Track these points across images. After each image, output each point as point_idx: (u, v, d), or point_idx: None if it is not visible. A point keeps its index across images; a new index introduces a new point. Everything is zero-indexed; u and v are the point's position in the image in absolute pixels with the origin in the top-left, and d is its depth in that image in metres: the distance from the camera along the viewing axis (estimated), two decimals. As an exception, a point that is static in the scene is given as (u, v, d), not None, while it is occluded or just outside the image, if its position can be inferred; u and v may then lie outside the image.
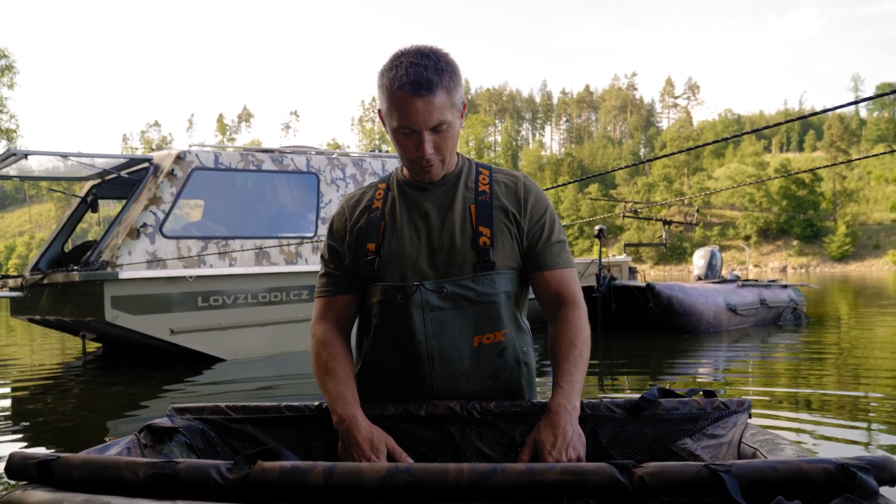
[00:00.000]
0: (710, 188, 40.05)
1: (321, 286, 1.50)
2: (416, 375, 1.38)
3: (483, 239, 1.38)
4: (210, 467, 0.89)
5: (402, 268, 1.39)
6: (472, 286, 1.36)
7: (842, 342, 6.61)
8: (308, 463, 0.88)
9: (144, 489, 0.89)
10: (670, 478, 0.82)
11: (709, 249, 9.56)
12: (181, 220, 6.58)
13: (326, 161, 6.61)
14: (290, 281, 6.13)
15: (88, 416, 3.80)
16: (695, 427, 1.31)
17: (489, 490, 0.83)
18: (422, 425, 1.36)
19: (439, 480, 0.84)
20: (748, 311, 7.95)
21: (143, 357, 6.02)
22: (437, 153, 1.32)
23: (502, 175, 1.46)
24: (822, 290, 18.34)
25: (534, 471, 0.83)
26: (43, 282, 5.73)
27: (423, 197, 1.42)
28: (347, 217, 1.48)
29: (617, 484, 0.82)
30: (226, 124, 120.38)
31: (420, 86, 1.24)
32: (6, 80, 26.33)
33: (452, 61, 1.31)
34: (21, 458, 0.94)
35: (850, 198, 74.60)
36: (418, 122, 1.27)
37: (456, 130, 1.34)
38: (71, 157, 5.97)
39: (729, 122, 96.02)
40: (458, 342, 1.37)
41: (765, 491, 0.80)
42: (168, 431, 1.31)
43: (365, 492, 0.85)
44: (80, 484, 0.91)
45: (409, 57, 1.27)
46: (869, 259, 65.46)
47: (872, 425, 3.11)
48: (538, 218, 1.41)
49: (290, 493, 0.86)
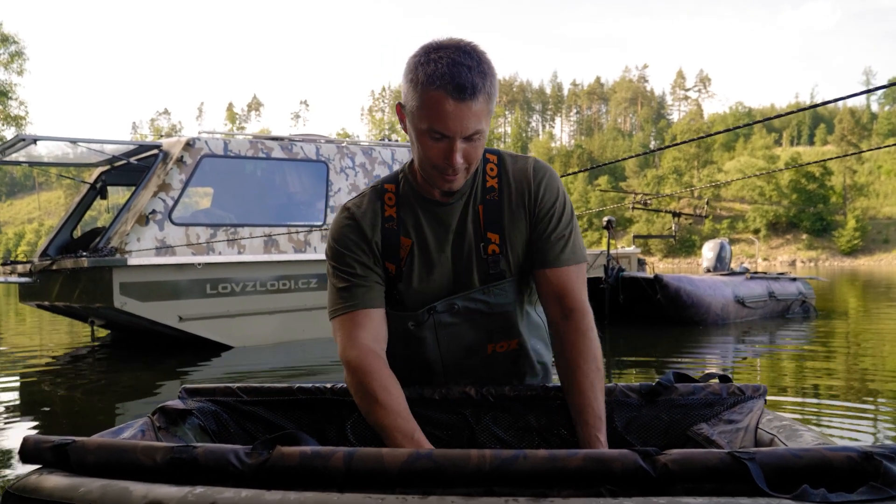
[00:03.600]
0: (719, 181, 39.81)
1: (345, 300, 1.26)
2: (429, 383, 1.36)
3: (492, 247, 1.27)
4: (229, 452, 0.88)
5: (423, 294, 1.29)
6: (483, 298, 1.29)
7: (850, 334, 6.56)
8: (328, 448, 0.87)
9: (162, 474, 0.88)
10: (694, 465, 0.80)
11: (718, 242, 9.50)
12: (190, 207, 6.58)
13: (336, 149, 6.59)
14: (298, 269, 6.13)
15: (97, 402, 3.82)
16: (710, 412, 1.31)
17: (511, 476, 0.82)
18: (437, 409, 1.35)
19: (461, 466, 0.83)
20: (756, 304, 7.91)
21: (151, 344, 6.05)
22: (465, 163, 1.18)
23: (511, 161, 1.32)
24: (831, 283, 18.22)
25: (556, 457, 0.83)
26: (52, 268, 5.75)
27: (443, 211, 1.28)
28: (365, 228, 1.29)
29: (640, 471, 0.81)
30: (235, 113, 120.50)
31: (463, 89, 1.10)
32: (15, 66, 26.42)
33: (492, 63, 1.17)
34: (35, 442, 0.93)
35: (860, 192, 74.00)
36: (453, 129, 1.12)
37: (486, 136, 1.21)
38: (80, 143, 5.98)
39: (740, 115, 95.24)
40: (471, 351, 1.34)
41: (788, 478, 0.79)
42: (181, 413, 1.31)
43: (386, 477, 0.84)
44: (95, 468, 0.90)
45: (449, 52, 1.12)
46: (878, 253, 64.98)
47: (880, 416, 3.08)
48: (549, 207, 1.29)
49: (309, 478, 0.85)
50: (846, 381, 4.05)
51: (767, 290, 8.13)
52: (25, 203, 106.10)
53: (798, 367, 4.72)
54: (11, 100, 26.44)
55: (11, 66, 26.36)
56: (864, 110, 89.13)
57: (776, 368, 4.69)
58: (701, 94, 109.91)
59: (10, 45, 26.23)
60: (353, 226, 1.30)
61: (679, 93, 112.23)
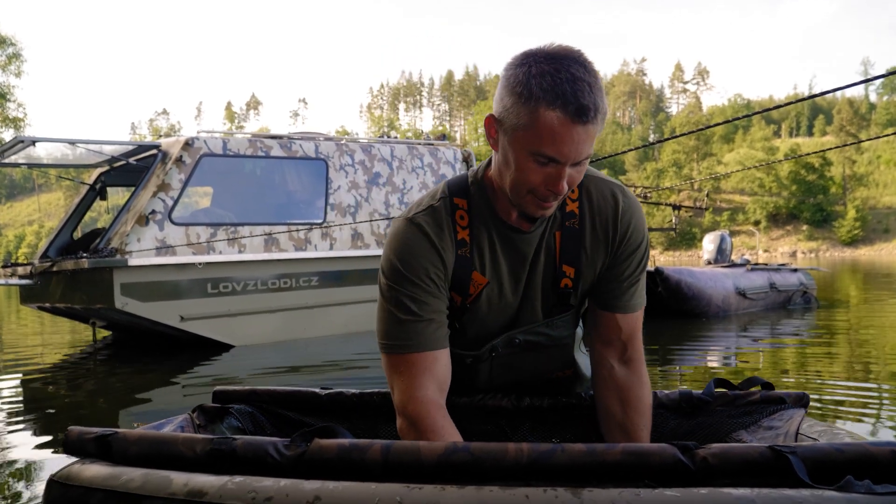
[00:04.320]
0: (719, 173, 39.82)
1: (407, 338, 1.11)
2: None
3: (565, 281, 1.17)
4: (267, 444, 0.89)
5: (484, 329, 1.20)
6: (546, 332, 1.23)
7: (852, 324, 6.56)
8: (365, 441, 0.88)
9: (201, 465, 0.89)
10: (734, 459, 0.80)
11: (719, 234, 9.50)
12: (190, 206, 6.58)
13: (335, 147, 6.58)
14: (299, 267, 6.13)
15: (101, 403, 3.82)
16: (750, 420, 1.32)
17: (549, 470, 0.82)
18: (472, 419, 1.35)
19: (498, 459, 0.83)
20: (757, 295, 7.92)
21: (153, 344, 6.05)
22: (567, 189, 1.06)
23: (595, 187, 1.17)
24: (832, 273, 18.22)
25: (595, 451, 0.83)
26: (52, 269, 5.75)
27: (521, 239, 1.15)
28: (440, 251, 1.13)
29: (679, 465, 0.81)
30: (234, 112, 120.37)
31: (586, 111, 0.96)
32: (13, 68, 26.39)
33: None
34: (79, 434, 0.96)
35: (859, 182, 73.91)
36: (567, 154, 0.99)
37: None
38: (79, 144, 5.97)
39: (739, 108, 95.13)
40: (523, 379, 1.31)
41: (830, 472, 0.79)
42: (219, 412, 1.34)
43: (423, 470, 0.84)
44: (136, 459, 0.92)
45: (568, 66, 0.97)
46: (878, 243, 64.94)
47: (884, 406, 3.07)
48: (632, 250, 1.18)
49: (347, 470, 0.86)
50: (849, 371, 4.05)
51: (768, 282, 8.13)
52: (25, 205, 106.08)
53: (800, 357, 4.71)
54: (9, 102, 26.43)
55: (9, 67, 26.34)
56: (863, 100, 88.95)
57: (778, 359, 4.69)
58: (699, 87, 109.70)
59: (8, 47, 26.20)
60: (428, 247, 1.12)
61: (677, 86, 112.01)
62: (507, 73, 1.02)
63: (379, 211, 6.70)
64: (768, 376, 3.97)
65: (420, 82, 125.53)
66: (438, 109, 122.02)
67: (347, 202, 6.54)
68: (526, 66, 0.99)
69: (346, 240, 6.45)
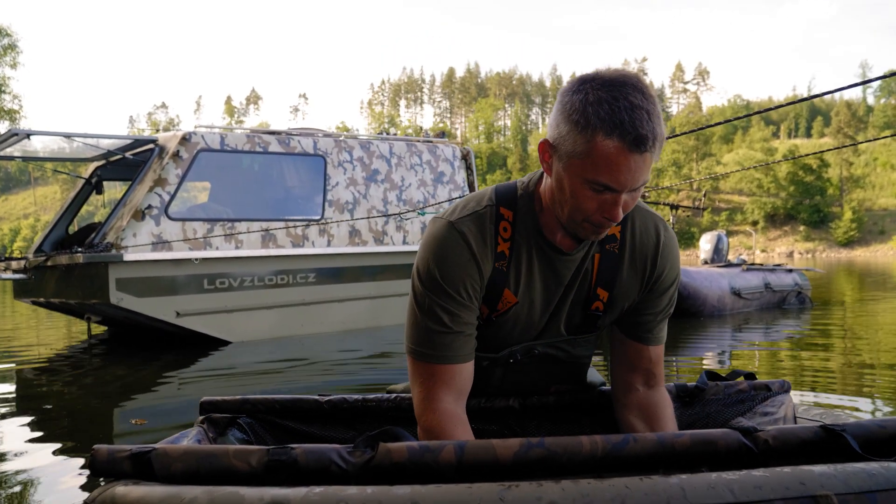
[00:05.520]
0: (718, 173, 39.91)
1: (436, 349, 1.10)
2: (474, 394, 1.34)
3: (597, 304, 1.17)
4: (330, 451, 0.85)
5: (507, 339, 1.20)
6: (567, 348, 1.23)
7: (845, 324, 6.58)
8: (436, 442, 0.86)
9: (258, 478, 0.83)
10: (792, 439, 0.86)
11: (716, 234, 9.52)
12: (187, 201, 6.55)
13: (333, 143, 6.56)
14: (296, 264, 6.11)
15: (96, 400, 3.80)
16: (744, 407, 1.41)
17: (623, 460, 0.84)
18: (480, 420, 1.34)
19: (574, 453, 0.84)
20: (752, 295, 7.96)
21: (148, 339, 6.02)
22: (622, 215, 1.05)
23: (640, 217, 1.17)
24: (828, 274, 18.26)
25: (665, 439, 0.85)
26: (47, 264, 5.72)
27: (562, 261, 1.14)
28: (480, 261, 1.10)
29: (743, 448, 0.85)
30: (234, 106, 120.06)
31: (644, 141, 0.95)
32: (9, 59, 26.25)
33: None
34: (110, 453, 0.86)
35: (856, 184, 74.11)
36: (625, 183, 0.98)
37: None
38: (74, 138, 5.94)
39: (738, 108, 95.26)
40: (532, 387, 1.32)
41: (876, 447, 0.85)
42: (226, 423, 1.29)
43: (499, 468, 0.83)
44: (183, 476, 0.84)
45: (624, 92, 0.96)
46: (874, 244, 65.13)
47: (877, 402, 3.08)
48: (667, 286, 1.19)
49: (419, 473, 0.83)
50: (840, 369, 4.05)
51: (763, 282, 8.18)
52: (21, 198, 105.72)
53: (794, 355, 4.72)
54: (5, 94, 26.30)
55: (4, 59, 26.21)
56: (861, 103, 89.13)
57: (773, 358, 4.69)
58: (699, 87, 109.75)
59: (4, 38, 26.06)
60: (468, 258, 1.09)
61: (678, 85, 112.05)
62: (563, 99, 1.01)
63: (377, 208, 6.69)
64: (762, 374, 3.97)
65: (421, 79, 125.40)
66: (439, 106, 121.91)
67: (345, 199, 6.52)
68: (583, 93, 0.98)
69: (343, 236, 6.43)
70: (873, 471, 0.76)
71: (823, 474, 0.75)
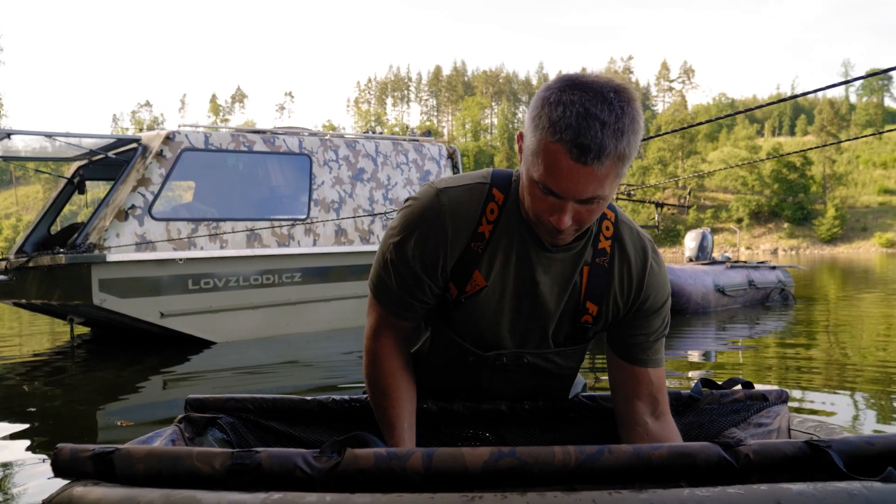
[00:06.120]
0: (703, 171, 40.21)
1: (388, 299, 1.17)
2: (459, 394, 1.34)
3: (586, 317, 1.16)
4: (295, 456, 0.83)
5: (481, 333, 1.18)
6: (556, 360, 1.23)
7: (827, 320, 6.67)
8: (404, 449, 0.84)
9: (221, 482, 0.81)
10: (774, 454, 0.82)
11: (700, 231, 9.60)
12: (171, 201, 6.51)
13: (319, 142, 6.54)
14: (281, 263, 6.09)
15: (79, 402, 3.77)
16: (738, 418, 1.36)
17: (596, 472, 0.81)
18: (466, 425, 1.33)
19: (546, 463, 0.81)
20: (736, 292, 8.04)
21: (132, 341, 5.98)
22: (574, 225, 1.02)
23: (629, 236, 1.16)
24: (811, 271, 18.47)
25: (641, 451, 0.82)
26: (28, 265, 5.65)
27: (543, 259, 1.12)
28: (449, 236, 1.10)
29: (723, 462, 0.82)
30: (219, 105, 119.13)
31: (586, 151, 0.92)
32: (-10, 58, 25.84)
33: (638, 115, 0.96)
34: (72, 452, 0.84)
35: (839, 181, 75.02)
36: (565, 191, 0.96)
37: (610, 200, 1.02)
38: (57, 138, 5.87)
39: (723, 106, 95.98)
40: (520, 394, 1.31)
41: (862, 464, 0.81)
42: (205, 424, 1.26)
43: (468, 477, 0.80)
44: (145, 478, 0.82)
45: (586, 97, 0.93)
46: (857, 241, 65.98)
47: (858, 399, 3.12)
48: (654, 311, 1.18)
49: (385, 480, 0.81)
50: (824, 365, 4.10)
51: (747, 279, 8.26)
52: (2, 198, 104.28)
53: (777, 353, 4.77)
54: (-14, 92, 25.89)
55: (-14, 57, 25.80)
56: (843, 101, 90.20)
57: (756, 355, 4.74)
58: (685, 86, 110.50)
59: (-16, 37, 25.69)
60: (436, 232, 1.10)
61: (663, 84, 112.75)
62: (537, 94, 1.00)
63: (363, 207, 6.67)
64: (747, 371, 4.02)
65: (408, 77, 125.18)
66: (426, 105, 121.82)
67: (331, 198, 6.50)
68: (550, 92, 0.96)
69: (329, 236, 6.41)
70: (854, 490, 0.73)
71: (801, 493, 0.72)
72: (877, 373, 3.91)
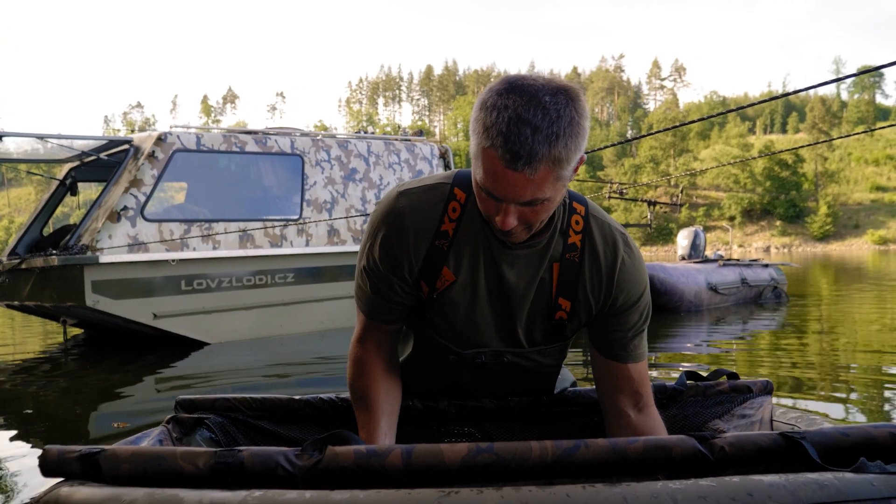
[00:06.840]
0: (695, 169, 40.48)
1: (366, 304, 1.20)
2: (442, 391, 1.36)
3: (560, 314, 1.16)
4: (277, 454, 0.84)
5: (459, 331, 1.20)
6: (536, 358, 1.24)
7: (820, 318, 6.71)
8: (384, 446, 0.85)
9: (205, 480, 0.83)
10: (749, 447, 0.83)
11: (692, 230, 9.64)
12: (163, 202, 6.50)
13: (311, 143, 6.54)
14: (274, 264, 6.09)
15: (72, 404, 3.76)
16: (722, 409, 1.37)
17: (574, 466, 0.82)
18: (453, 422, 1.34)
19: (523, 458, 0.82)
20: (729, 291, 8.07)
21: (125, 342, 5.97)
22: (521, 225, 1.02)
23: (598, 228, 1.15)
24: (804, 269, 18.57)
25: (617, 445, 0.83)
26: (21, 267, 5.64)
27: (507, 255, 1.12)
28: (411, 236, 1.12)
29: (699, 455, 0.83)
30: (210, 106, 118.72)
31: (516, 158, 0.92)
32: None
33: (578, 115, 0.94)
34: (59, 453, 0.85)
35: (831, 179, 75.45)
36: (504, 194, 0.97)
37: (558, 200, 1.01)
38: (48, 139, 5.86)
39: (714, 104, 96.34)
40: (503, 391, 1.33)
41: (837, 456, 0.83)
42: (193, 424, 1.27)
43: (446, 473, 0.82)
44: (130, 478, 0.84)
45: (519, 103, 0.92)
46: (849, 238, 66.40)
47: (851, 395, 3.16)
48: (629, 306, 1.16)
49: (366, 478, 0.82)
50: (815, 362, 4.14)
51: (740, 277, 8.29)
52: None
53: (769, 351, 4.81)
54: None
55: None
56: (835, 99, 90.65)
57: (748, 353, 4.78)
58: (676, 84, 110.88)
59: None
60: (398, 233, 1.12)
61: (655, 82, 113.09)
62: (479, 95, 1.00)
63: (355, 207, 6.68)
64: (739, 369, 4.05)
65: (399, 77, 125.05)
66: (418, 104, 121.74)
67: (323, 198, 6.51)
68: (489, 95, 0.96)
69: (322, 236, 6.42)
70: (825, 481, 0.74)
71: (773, 485, 0.73)
72: (868, 367, 3.95)
